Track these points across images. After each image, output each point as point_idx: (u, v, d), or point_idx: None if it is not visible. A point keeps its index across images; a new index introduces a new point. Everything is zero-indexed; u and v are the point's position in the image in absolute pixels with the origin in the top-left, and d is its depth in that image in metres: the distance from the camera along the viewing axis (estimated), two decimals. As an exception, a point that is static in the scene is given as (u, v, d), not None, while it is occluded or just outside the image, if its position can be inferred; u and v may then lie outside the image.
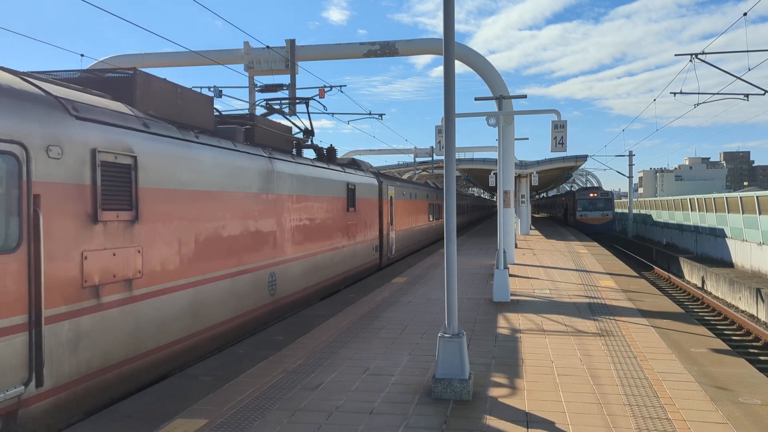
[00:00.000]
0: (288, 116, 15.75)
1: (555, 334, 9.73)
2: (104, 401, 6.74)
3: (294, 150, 13.72)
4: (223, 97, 20.12)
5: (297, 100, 16.52)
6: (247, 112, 14.53)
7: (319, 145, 16.14)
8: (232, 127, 10.57)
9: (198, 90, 20.64)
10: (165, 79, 8.73)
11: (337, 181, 14.81)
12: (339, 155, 17.32)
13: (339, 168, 15.62)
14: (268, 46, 19.97)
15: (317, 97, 17.64)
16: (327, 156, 16.33)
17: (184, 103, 9.05)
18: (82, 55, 18.97)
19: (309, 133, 15.58)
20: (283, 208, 11.45)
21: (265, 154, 10.98)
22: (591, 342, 9.19)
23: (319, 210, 13.46)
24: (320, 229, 13.51)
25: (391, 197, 20.82)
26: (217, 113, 11.19)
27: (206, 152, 8.81)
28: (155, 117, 8.20)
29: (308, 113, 15.92)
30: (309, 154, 16.35)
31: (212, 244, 8.79)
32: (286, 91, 20.22)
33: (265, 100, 15.38)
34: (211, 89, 20.40)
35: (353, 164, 18.80)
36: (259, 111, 20.57)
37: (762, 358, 14.83)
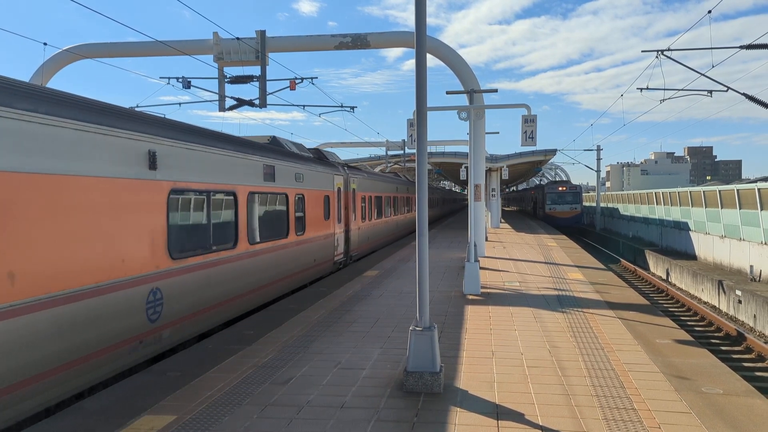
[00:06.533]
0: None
1: (525, 327, 9.84)
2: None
3: None
4: (192, 88, 19.73)
5: None
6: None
7: None
8: None
9: (166, 80, 20.27)
10: None
11: None
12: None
13: None
14: (237, 38, 19.68)
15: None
16: None
17: None
18: (45, 44, 18.41)
19: None
20: None
21: None
22: (559, 334, 9.32)
23: None
24: None
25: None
26: None
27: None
28: None
29: None
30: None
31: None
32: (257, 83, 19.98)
33: None
34: (180, 80, 20.02)
35: None
36: (229, 103, 20.25)
37: (724, 348, 15.25)
